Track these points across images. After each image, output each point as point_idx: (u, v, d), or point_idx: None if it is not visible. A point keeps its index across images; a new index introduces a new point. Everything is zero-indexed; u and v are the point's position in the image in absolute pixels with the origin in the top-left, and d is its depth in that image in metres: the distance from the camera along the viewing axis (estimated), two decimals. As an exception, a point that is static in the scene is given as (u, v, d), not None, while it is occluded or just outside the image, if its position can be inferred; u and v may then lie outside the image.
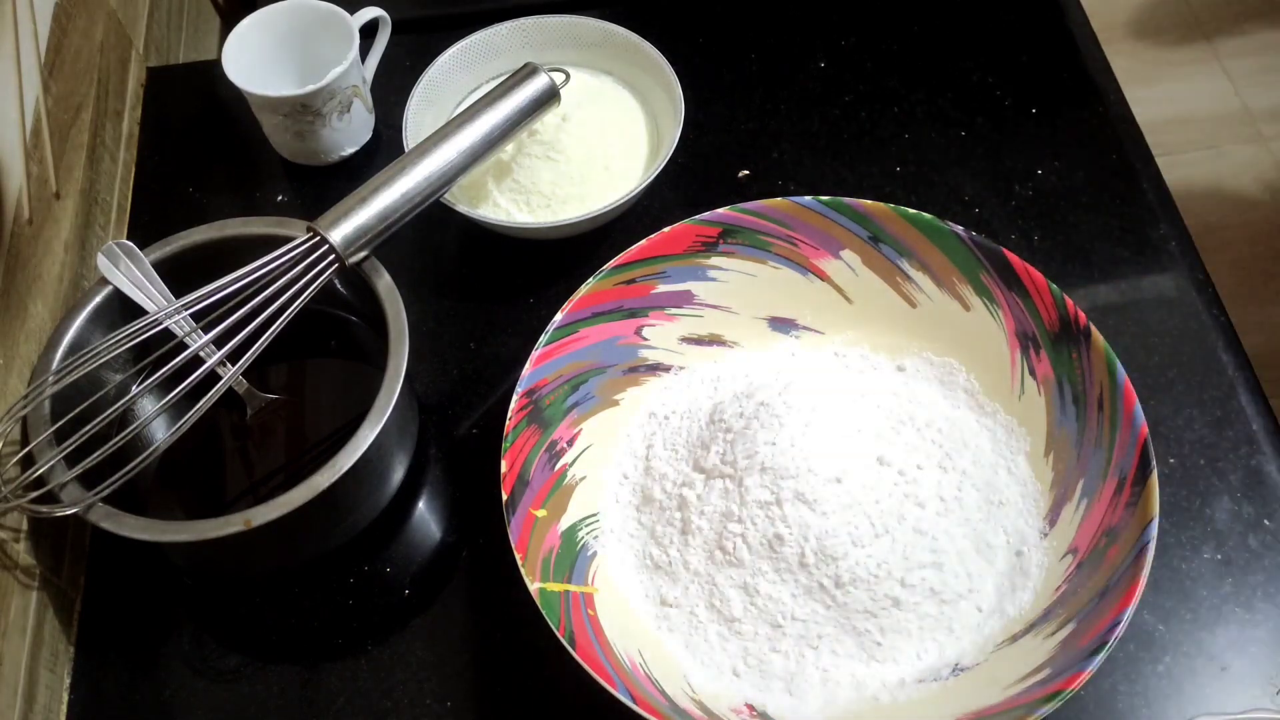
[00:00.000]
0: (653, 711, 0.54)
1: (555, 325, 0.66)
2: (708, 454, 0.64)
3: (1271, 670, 0.62)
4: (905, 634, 0.60)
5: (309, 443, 0.70)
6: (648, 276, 0.69)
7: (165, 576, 0.68)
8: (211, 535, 0.58)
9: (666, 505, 0.65)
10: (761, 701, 0.60)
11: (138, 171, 0.85)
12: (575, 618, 0.58)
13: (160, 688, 0.65)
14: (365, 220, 0.65)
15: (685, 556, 0.63)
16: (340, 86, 0.78)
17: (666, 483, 0.65)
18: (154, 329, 0.63)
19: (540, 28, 0.82)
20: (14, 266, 0.65)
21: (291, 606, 0.67)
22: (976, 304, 0.68)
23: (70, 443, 0.59)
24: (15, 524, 0.63)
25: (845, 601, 0.60)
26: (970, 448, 0.65)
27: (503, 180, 0.76)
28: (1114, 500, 0.60)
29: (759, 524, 0.61)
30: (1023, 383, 0.66)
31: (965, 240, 0.67)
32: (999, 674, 0.58)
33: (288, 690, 0.65)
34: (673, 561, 0.63)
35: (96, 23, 0.82)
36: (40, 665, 0.62)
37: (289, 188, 0.84)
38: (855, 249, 0.70)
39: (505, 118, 0.71)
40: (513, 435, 0.62)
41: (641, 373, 0.70)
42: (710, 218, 0.69)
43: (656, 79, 0.79)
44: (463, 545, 0.69)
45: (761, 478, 0.61)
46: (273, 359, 0.64)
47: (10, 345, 0.64)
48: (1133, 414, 0.60)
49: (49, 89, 0.73)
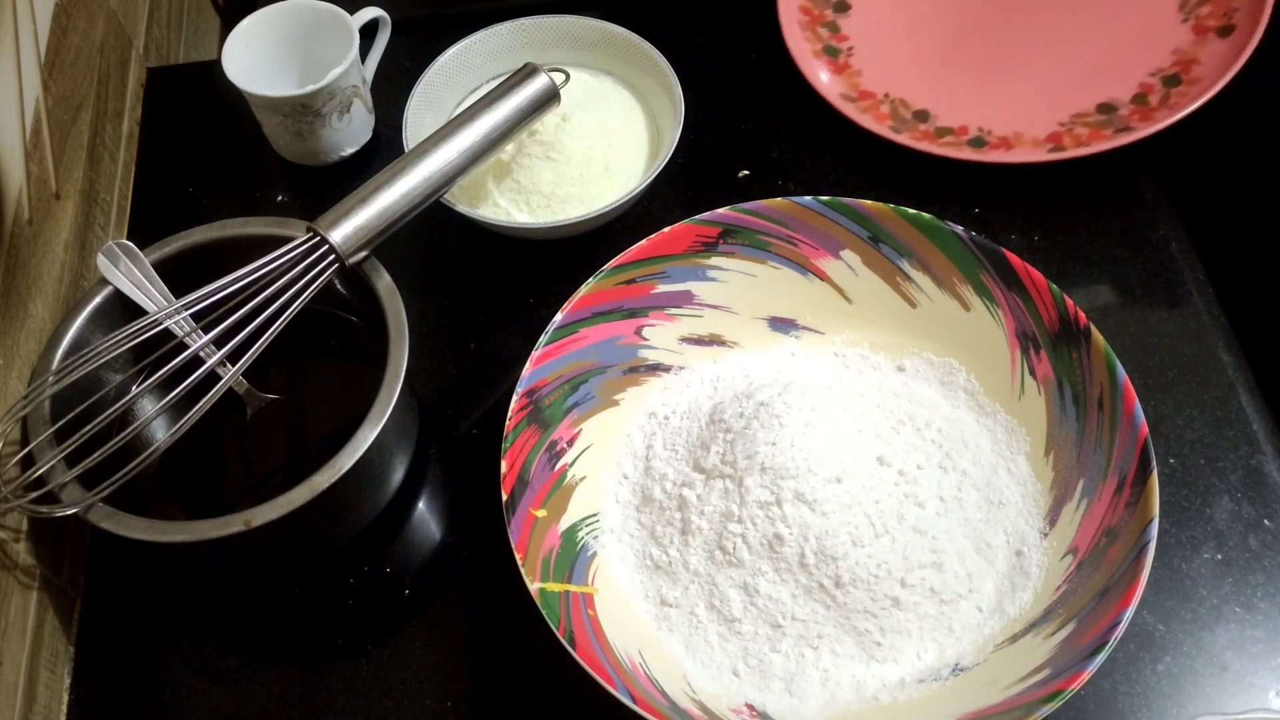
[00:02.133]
0: (653, 711, 0.54)
1: (555, 325, 0.66)
2: (707, 454, 0.64)
3: (1272, 669, 0.61)
4: (905, 634, 0.60)
5: (309, 443, 0.70)
6: (648, 276, 0.69)
7: (165, 576, 0.68)
8: (211, 535, 0.58)
9: (666, 505, 0.65)
10: (761, 701, 0.60)
11: (138, 171, 0.85)
12: (575, 618, 0.58)
13: (160, 688, 0.65)
14: (365, 220, 0.65)
15: (685, 556, 0.63)
16: (340, 87, 0.78)
17: (666, 483, 0.65)
18: (154, 329, 0.63)
19: (540, 28, 0.82)
20: (14, 266, 0.65)
21: (291, 606, 0.67)
22: (976, 304, 0.68)
23: (70, 443, 0.59)
24: (15, 524, 0.63)
25: (845, 601, 0.60)
26: (970, 448, 0.65)
27: (503, 180, 0.76)
28: (1114, 500, 0.60)
29: (759, 524, 0.61)
30: (1023, 383, 0.66)
31: (965, 240, 0.67)
32: (999, 674, 0.58)
33: (288, 690, 0.65)
34: (673, 561, 0.63)
35: (96, 23, 0.82)
36: (40, 665, 0.62)
37: (289, 188, 0.84)
38: (855, 249, 0.70)
39: (505, 118, 0.71)
40: (513, 435, 0.62)
41: (641, 373, 0.70)
42: (710, 218, 0.69)
43: (656, 79, 0.79)
44: (463, 545, 0.69)
45: (761, 478, 0.61)
46: (273, 359, 0.64)
47: (10, 345, 0.64)
48: (1133, 414, 0.60)
49: (49, 89, 0.73)
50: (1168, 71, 0.81)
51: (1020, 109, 0.81)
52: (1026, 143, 0.78)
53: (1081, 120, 0.79)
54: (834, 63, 0.84)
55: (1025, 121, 0.80)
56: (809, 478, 0.60)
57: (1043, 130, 0.79)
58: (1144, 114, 0.78)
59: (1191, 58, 0.80)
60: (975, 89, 0.82)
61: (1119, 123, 0.78)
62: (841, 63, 0.84)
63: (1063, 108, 0.80)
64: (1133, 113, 0.79)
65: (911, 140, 0.77)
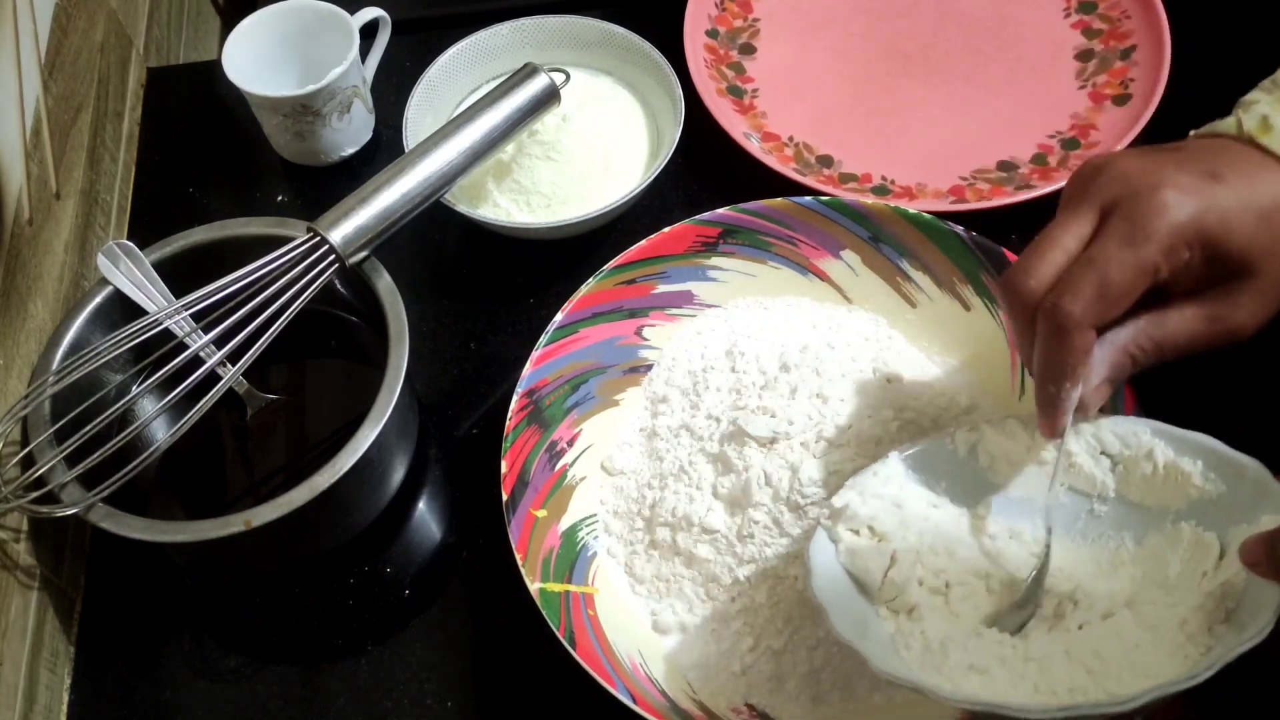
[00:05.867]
0: (653, 711, 0.54)
1: (555, 325, 0.66)
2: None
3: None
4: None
5: (309, 443, 0.70)
6: (648, 276, 0.69)
7: (165, 576, 0.68)
8: (211, 535, 0.58)
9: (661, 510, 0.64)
10: (761, 701, 0.59)
11: (138, 171, 0.85)
12: (575, 618, 0.58)
13: (160, 688, 0.65)
14: (365, 220, 0.65)
15: (689, 553, 0.63)
16: (340, 87, 0.78)
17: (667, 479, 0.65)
18: (154, 329, 0.63)
19: (540, 28, 0.82)
20: (14, 267, 0.65)
21: (291, 606, 0.67)
22: (976, 304, 0.68)
23: (70, 443, 0.59)
24: (15, 524, 0.63)
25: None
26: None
27: (503, 180, 0.76)
28: (1114, 500, 0.60)
29: (759, 524, 0.61)
30: (1023, 383, 0.66)
31: (965, 240, 0.67)
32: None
33: (288, 690, 0.65)
34: (671, 560, 0.63)
35: (96, 23, 0.82)
36: (41, 665, 0.62)
37: (289, 188, 0.84)
38: (855, 249, 0.70)
39: (505, 118, 0.71)
40: (513, 436, 0.62)
41: (641, 373, 0.70)
42: (710, 218, 0.69)
43: (656, 79, 0.79)
44: (463, 545, 0.69)
45: (761, 493, 0.61)
46: (273, 359, 0.64)
47: (10, 345, 0.64)
48: (1133, 414, 0.60)
49: (49, 89, 0.73)
50: (1066, 135, 0.81)
51: (922, 162, 0.81)
52: (929, 194, 0.78)
53: (983, 176, 0.79)
54: (739, 103, 0.84)
55: (927, 174, 0.80)
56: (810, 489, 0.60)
57: (945, 183, 0.79)
58: (1043, 173, 0.79)
59: (1089, 123, 0.81)
60: (879, 140, 0.83)
61: (1019, 180, 0.78)
62: (746, 104, 0.84)
63: (965, 163, 0.80)
64: (1032, 172, 0.79)
65: (817, 183, 0.77)
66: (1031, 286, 0.51)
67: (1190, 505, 0.53)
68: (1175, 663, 0.48)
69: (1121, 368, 0.52)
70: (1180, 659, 0.48)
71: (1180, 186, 0.50)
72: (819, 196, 0.70)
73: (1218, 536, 0.51)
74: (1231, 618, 0.48)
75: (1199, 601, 0.49)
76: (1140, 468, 0.54)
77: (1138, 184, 0.50)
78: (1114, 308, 0.50)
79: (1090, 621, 0.52)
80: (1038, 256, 0.51)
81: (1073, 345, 0.50)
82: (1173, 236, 0.49)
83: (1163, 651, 0.48)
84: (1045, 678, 0.49)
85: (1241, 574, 0.48)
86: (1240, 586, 0.48)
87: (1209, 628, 0.48)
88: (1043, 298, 0.50)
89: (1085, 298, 0.49)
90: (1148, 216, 0.49)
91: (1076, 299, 0.49)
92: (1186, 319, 0.52)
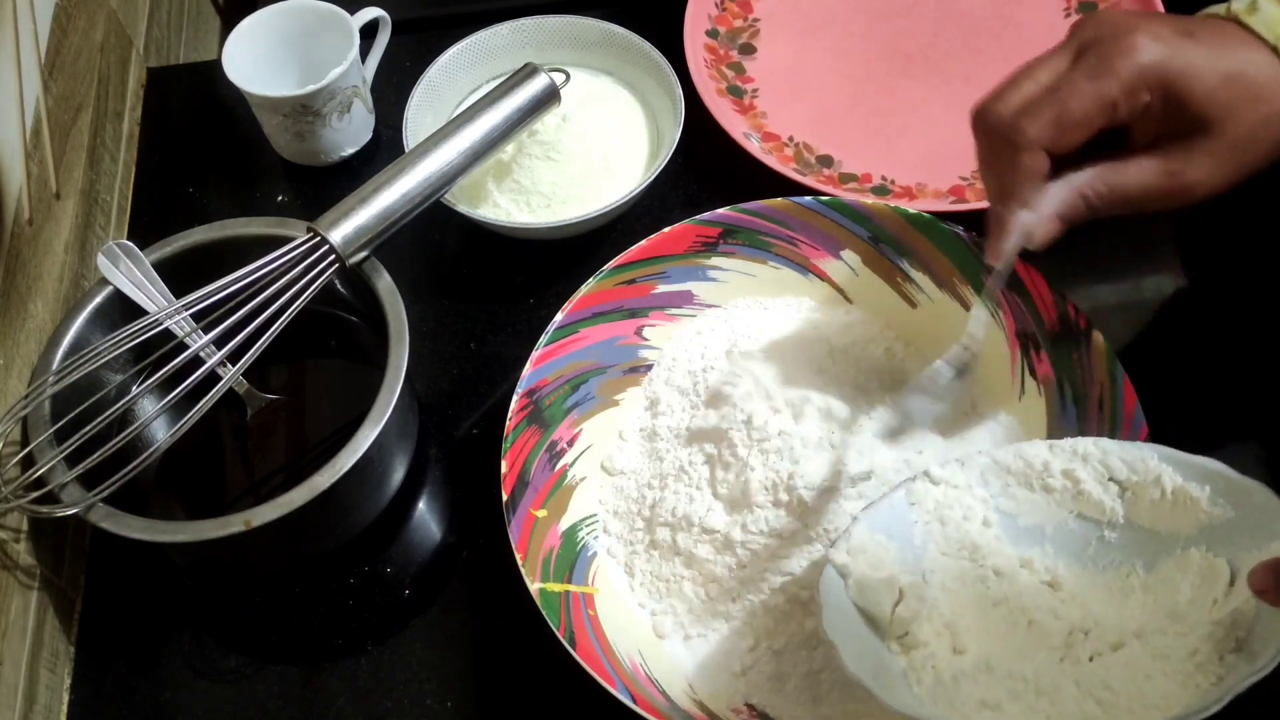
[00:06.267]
0: (653, 711, 0.54)
1: (555, 325, 0.66)
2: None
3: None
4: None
5: (309, 443, 0.70)
6: (648, 276, 0.69)
7: (165, 576, 0.68)
8: (211, 535, 0.58)
9: (661, 508, 0.64)
10: (761, 701, 0.59)
11: (138, 171, 0.85)
12: (575, 618, 0.58)
13: (160, 688, 0.65)
14: (365, 220, 0.65)
15: (689, 552, 0.63)
16: (340, 87, 0.78)
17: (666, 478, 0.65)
18: (154, 329, 0.63)
19: (540, 28, 0.82)
20: (14, 267, 0.65)
21: (291, 606, 0.67)
22: (977, 304, 0.67)
23: (70, 443, 0.59)
24: (15, 524, 0.63)
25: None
26: (974, 446, 0.65)
27: (503, 180, 0.76)
28: (1114, 500, 0.60)
29: (760, 524, 0.61)
30: (1023, 383, 0.66)
31: (965, 240, 0.67)
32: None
33: (288, 690, 0.65)
34: (672, 560, 0.63)
35: (96, 23, 0.82)
36: (41, 665, 0.62)
37: (289, 188, 0.84)
38: (856, 249, 0.70)
39: (505, 118, 0.71)
40: (513, 436, 0.62)
41: (641, 373, 0.70)
42: (710, 218, 0.69)
43: (656, 79, 0.79)
44: (463, 545, 0.69)
45: (761, 493, 0.61)
46: (273, 359, 0.64)
47: (10, 345, 0.64)
48: (1133, 414, 0.60)
49: (49, 89, 0.73)
50: None
51: (922, 162, 0.81)
52: (929, 194, 0.78)
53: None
54: (739, 103, 0.84)
55: (927, 174, 0.80)
56: (808, 493, 0.60)
57: (945, 183, 0.79)
58: None
59: None
60: (879, 140, 0.82)
61: None
62: (746, 104, 0.84)
63: (965, 163, 0.79)
64: None
65: (817, 183, 0.77)
66: (999, 109, 0.54)
67: (1200, 531, 0.52)
68: (1186, 693, 0.47)
69: (1074, 207, 0.55)
70: (1191, 689, 0.48)
71: (1152, 34, 0.53)
72: (819, 196, 0.70)
73: (1228, 562, 0.51)
74: (1243, 646, 0.48)
75: (1209, 630, 0.49)
76: (1149, 493, 0.54)
77: (1115, 28, 0.53)
78: (1068, 134, 0.53)
79: (1101, 652, 0.51)
80: (1012, 86, 0.54)
81: (1022, 164, 0.53)
82: (1135, 76, 0.52)
83: (1174, 682, 0.48)
84: (1057, 710, 0.49)
85: (1252, 602, 0.48)
86: (1251, 615, 0.48)
87: (1220, 657, 0.48)
88: (1007, 122, 0.53)
89: (1041, 120, 0.52)
90: (1114, 54, 0.52)
91: (1034, 121, 0.52)
92: (1143, 169, 0.54)
